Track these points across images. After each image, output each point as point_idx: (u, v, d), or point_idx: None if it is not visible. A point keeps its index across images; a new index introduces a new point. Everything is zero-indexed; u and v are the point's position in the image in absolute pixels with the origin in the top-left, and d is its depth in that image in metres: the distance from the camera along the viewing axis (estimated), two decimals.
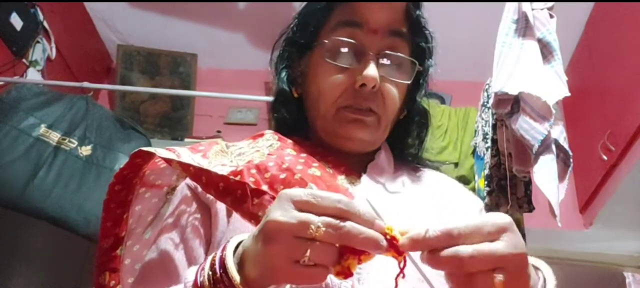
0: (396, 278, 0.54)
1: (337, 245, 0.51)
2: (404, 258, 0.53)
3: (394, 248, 0.52)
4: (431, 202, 0.81)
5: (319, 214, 0.50)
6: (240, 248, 0.56)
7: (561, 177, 1.65)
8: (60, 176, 1.93)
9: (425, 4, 0.85)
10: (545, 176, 1.57)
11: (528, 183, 1.86)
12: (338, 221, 0.50)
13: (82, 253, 2.07)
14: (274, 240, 0.51)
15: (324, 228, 0.49)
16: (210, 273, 0.55)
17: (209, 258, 0.56)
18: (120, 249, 0.77)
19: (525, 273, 0.54)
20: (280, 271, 0.51)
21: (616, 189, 2.31)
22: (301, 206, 0.51)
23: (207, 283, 0.54)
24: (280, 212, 0.51)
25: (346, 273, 0.52)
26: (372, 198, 0.57)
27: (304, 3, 0.88)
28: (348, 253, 0.51)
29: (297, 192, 0.52)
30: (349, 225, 0.50)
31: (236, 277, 0.53)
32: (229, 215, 0.73)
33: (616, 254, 2.88)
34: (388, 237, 0.52)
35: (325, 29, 0.82)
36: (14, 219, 1.92)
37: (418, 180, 0.86)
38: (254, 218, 0.66)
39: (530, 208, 1.88)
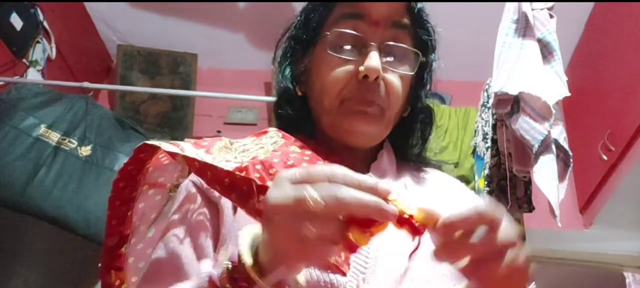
0: (411, 254, 0.53)
1: (341, 218, 0.50)
2: (420, 236, 0.51)
3: (410, 226, 0.51)
4: (433, 203, 0.81)
5: (315, 187, 0.49)
6: (252, 237, 0.56)
7: (561, 177, 1.65)
8: (60, 176, 1.92)
9: (425, 3, 0.85)
10: (545, 176, 1.57)
11: (528, 183, 1.86)
12: (336, 190, 0.49)
13: (81, 253, 2.07)
14: (275, 221, 0.51)
15: (321, 201, 0.48)
16: (228, 264, 0.54)
17: (227, 252, 0.56)
18: (125, 247, 0.77)
19: (525, 257, 0.55)
20: (287, 251, 0.51)
21: (616, 189, 2.31)
22: (297, 182, 0.50)
23: (224, 274, 0.54)
24: (276, 192, 0.51)
25: (352, 247, 0.50)
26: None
27: (304, 3, 0.88)
28: (353, 225, 0.49)
29: (292, 171, 0.52)
30: (347, 193, 0.48)
31: (248, 261, 0.53)
32: (234, 211, 0.72)
33: (616, 254, 2.88)
34: (406, 215, 0.50)
35: (327, 23, 0.82)
36: (13, 219, 1.92)
37: (420, 181, 0.86)
38: (259, 214, 0.66)
39: (530, 208, 1.88)
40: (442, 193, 0.85)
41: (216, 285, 0.55)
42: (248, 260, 0.53)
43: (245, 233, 0.56)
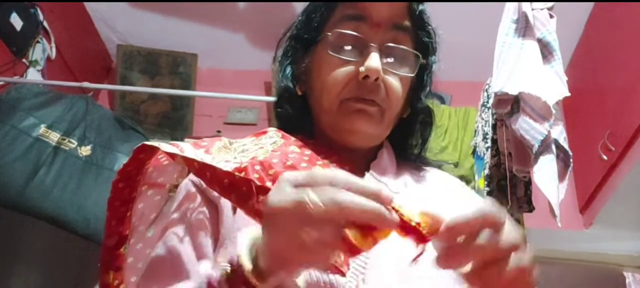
0: (414, 259, 0.51)
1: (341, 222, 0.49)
2: (425, 245, 0.51)
3: (416, 235, 0.50)
4: (433, 201, 0.81)
5: (316, 190, 0.49)
6: (252, 240, 0.55)
7: (561, 177, 1.65)
8: (59, 176, 1.93)
9: (426, 4, 0.85)
10: (545, 176, 1.57)
11: (528, 183, 1.86)
12: (337, 195, 0.48)
13: (81, 253, 2.08)
14: (275, 225, 0.50)
15: (322, 205, 0.48)
16: (227, 266, 0.54)
17: (227, 254, 0.56)
18: (124, 248, 0.77)
19: (530, 260, 0.54)
20: (286, 255, 0.50)
21: (616, 189, 2.31)
22: (299, 186, 0.50)
23: (222, 277, 0.54)
24: (277, 195, 0.50)
25: (353, 250, 0.49)
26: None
27: (304, 3, 0.88)
28: (355, 227, 0.48)
29: (294, 174, 0.51)
30: (349, 198, 0.48)
31: (247, 265, 0.52)
32: (234, 212, 0.73)
33: (616, 254, 2.88)
34: (413, 223, 0.50)
35: (329, 23, 0.82)
36: (13, 219, 1.92)
37: (420, 180, 0.86)
38: (258, 215, 0.66)
39: (530, 208, 1.88)
40: (442, 191, 0.85)
41: (214, 287, 0.55)
42: (247, 264, 0.53)
43: (244, 235, 0.56)
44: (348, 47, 0.79)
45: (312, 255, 0.49)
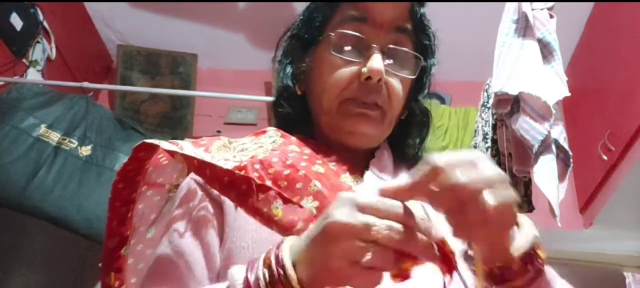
0: None
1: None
2: (452, 273, 0.53)
3: (447, 262, 0.53)
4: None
5: (380, 218, 0.50)
6: (293, 250, 0.54)
7: (561, 177, 1.65)
8: (60, 176, 1.93)
9: (426, 3, 0.86)
10: (545, 176, 1.57)
11: (528, 183, 1.86)
12: (400, 226, 0.50)
13: (82, 253, 2.08)
14: (335, 241, 0.50)
15: (386, 232, 0.49)
16: (265, 271, 0.53)
17: (261, 257, 0.55)
18: (125, 249, 0.77)
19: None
20: (337, 272, 0.50)
21: (616, 189, 2.31)
22: (364, 210, 0.50)
23: (263, 282, 0.53)
24: (344, 213, 0.50)
25: (404, 276, 0.52)
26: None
27: (304, 3, 0.88)
28: (406, 256, 0.51)
29: (360, 197, 0.52)
30: (411, 232, 0.50)
31: (293, 276, 0.52)
32: (236, 210, 0.72)
33: (616, 254, 2.88)
34: (452, 255, 0.53)
35: (330, 24, 0.82)
36: (14, 219, 1.92)
37: None
38: (258, 213, 0.66)
39: (530, 209, 1.88)
40: None
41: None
42: (293, 274, 0.52)
43: (286, 244, 0.55)
44: (350, 48, 0.80)
45: (362, 276, 0.50)
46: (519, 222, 0.59)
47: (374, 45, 0.78)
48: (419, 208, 0.52)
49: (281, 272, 0.52)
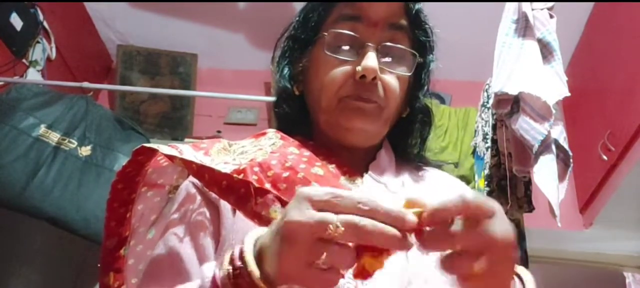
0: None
1: (352, 245, 0.49)
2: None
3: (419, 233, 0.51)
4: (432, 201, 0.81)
5: (337, 213, 0.49)
6: (258, 244, 0.55)
7: (561, 177, 1.64)
8: (59, 176, 1.92)
9: (425, 3, 0.86)
10: (545, 176, 1.57)
11: (528, 183, 1.86)
12: (358, 219, 0.48)
13: (81, 253, 2.07)
14: (291, 241, 0.50)
15: (342, 228, 0.48)
16: (229, 268, 0.53)
17: (227, 254, 0.55)
18: (124, 249, 0.77)
19: (511, 259, 0.53)
20: (293, 273, 0.50)
21: (616, 189, 2.31)
22: (320, 206, 0.49)
23: (226, 279, 0.53)
24: (298, 212, 0.50)
25: (364, 274, 0.50)
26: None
27: (304, 3, 0.88)
28: (365, 252, 0.49)
29: (315, 191, 0.50)
30: (370, 223, 0.48)
31: (256, 271, 0.52)
32: (234, 213, 0.72)
33: (616, 254, 2.88)
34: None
35: (326, 23, 0.83)
36: (13, 219, 1.92)
37: (419, 180, 0.86)
38: (257, 217, 0.66)
39: (530, 209, 1.88)
40: (442, 191, 0.85)
41: (218, 284, 0.54)
42: (255, 270, 0.52)
43: (249, 239, 0.55)
44: (345, 47, 0.80)
45: (319, 277, 0.50)
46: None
47: (369, 44, 0.78)
48: (389, 198, 0.52)
49: (243, 267, 0.52)
